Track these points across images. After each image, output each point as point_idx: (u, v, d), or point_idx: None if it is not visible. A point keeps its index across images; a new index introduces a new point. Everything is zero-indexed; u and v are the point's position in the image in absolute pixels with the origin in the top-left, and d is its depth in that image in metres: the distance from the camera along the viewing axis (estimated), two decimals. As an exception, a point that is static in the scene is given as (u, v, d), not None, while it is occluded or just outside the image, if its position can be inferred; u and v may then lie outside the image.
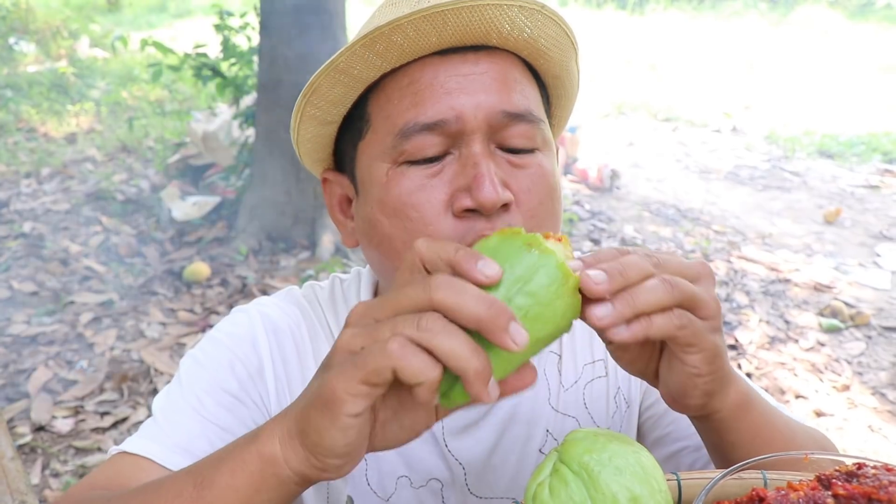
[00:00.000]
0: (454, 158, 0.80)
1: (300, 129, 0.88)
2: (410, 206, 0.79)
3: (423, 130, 0.78)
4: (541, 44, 0.83)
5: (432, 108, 0.78)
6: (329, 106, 0.85)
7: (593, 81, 9.74)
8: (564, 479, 0.61)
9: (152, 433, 0.88)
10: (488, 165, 0.77)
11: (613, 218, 5.38)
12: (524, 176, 0.81)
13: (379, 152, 0.82)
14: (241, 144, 4.93)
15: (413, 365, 0.53)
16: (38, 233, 4.71)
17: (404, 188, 0.79)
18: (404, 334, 0.54)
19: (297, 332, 0.98)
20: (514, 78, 0.82)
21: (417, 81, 0.79)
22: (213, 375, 0.92)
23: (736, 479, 0.64)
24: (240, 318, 0.97)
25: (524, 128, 0.81)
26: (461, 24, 0.77)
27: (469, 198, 0.77)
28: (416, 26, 0.75)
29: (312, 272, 4.22)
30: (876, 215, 5.74)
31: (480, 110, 0.78)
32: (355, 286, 1.02)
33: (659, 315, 0.62)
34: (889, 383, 3.43)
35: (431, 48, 0.79)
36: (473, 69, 0.80)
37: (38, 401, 3.06)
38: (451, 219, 0.78)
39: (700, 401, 0.71)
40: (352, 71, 0.80)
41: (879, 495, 0.52)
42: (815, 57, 11.29)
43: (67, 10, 11.31)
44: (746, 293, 4.28)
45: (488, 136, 0.80)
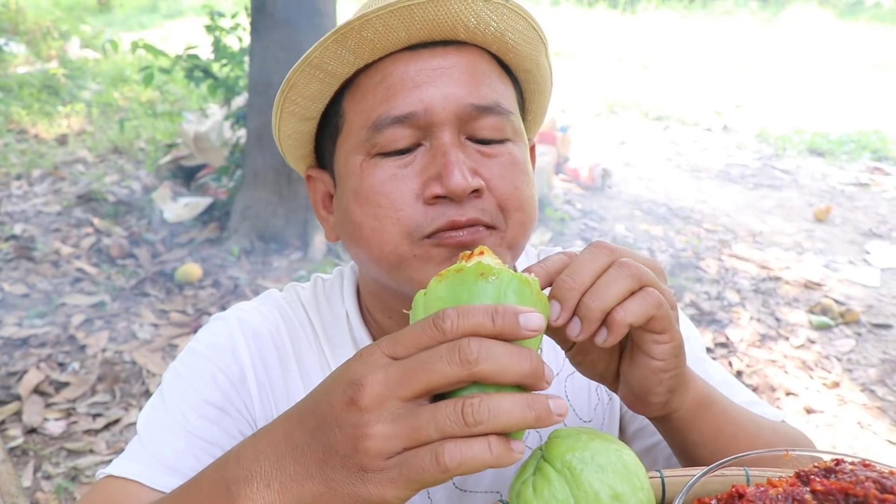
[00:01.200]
0: (425, 150, 0.82)
1: (280, 125, 0.90)
2: (382, 195, 0.81)
3: (394, 123, 0.80)
4: (508, 38, 0.85)
5: (403, 101, 0.80)
6: (307, 102, 0.87)
7: (584, 81, 9.77)
8: (548, 477, 0.62)
9: (138, 454, 0.88)
10: (457, 154, 0.79)
11: (605, 217, 5.39)
12: (495, 164, 0.83)
13: (354, 145, 0.84)
14: (232, 145, 4.92)
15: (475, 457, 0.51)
16: (29, 234, 4.69)
17: (377, 178, 0.82)
18: (454, 435, 0.51)
19: (277, 335, 0.98)
20: (482, 71, 0.84)
21: (389, 76, 0.82)
22: (195, 388, 0.91)
23: (718, 476, 0.65)
24: (218, 328, 0.97)
25: (493, 119, 0.83)
26: (428, 19, 0.79)
27: (439, 185, 0.79)
28: (384, 21, 0.78)
29: (305, 272, 4.22)
30: (866, 213, 5.78)
31: (449, 102, 0.80)
32: (338, 285, 1.03)
33: (630, 300, 0.64)
34: (878, 380, 3.46)
35: (401, 43, 0.82)
36: (442, 63, 0.82)
37: (30, 403, 3.05)
38: (422, 205, 0.80)
39: (662, 398, 0.72)
40: (326, 67, 0.83)
41: (856, 491, 0.53)
42: (806, 56, 11.34)
43: (58, 11, 11.26)
44: (737, 291, 4.31)
45: (458, 128, 0.82)
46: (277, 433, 0.62)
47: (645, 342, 0.68)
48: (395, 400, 0.53)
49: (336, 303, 1.02)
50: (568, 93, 9.07)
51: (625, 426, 1.07)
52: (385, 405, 0.53)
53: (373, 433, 0.52)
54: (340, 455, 0.55)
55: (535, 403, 0.52)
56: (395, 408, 0.53)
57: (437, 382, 0.52)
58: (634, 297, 0.64)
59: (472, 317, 0.53)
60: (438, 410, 0.51)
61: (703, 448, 0.80)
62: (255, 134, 4.54)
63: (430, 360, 0.52)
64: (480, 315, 0.53)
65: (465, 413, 0.51)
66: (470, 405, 0.51)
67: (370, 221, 0.82)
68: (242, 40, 4.88)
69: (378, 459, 0.53)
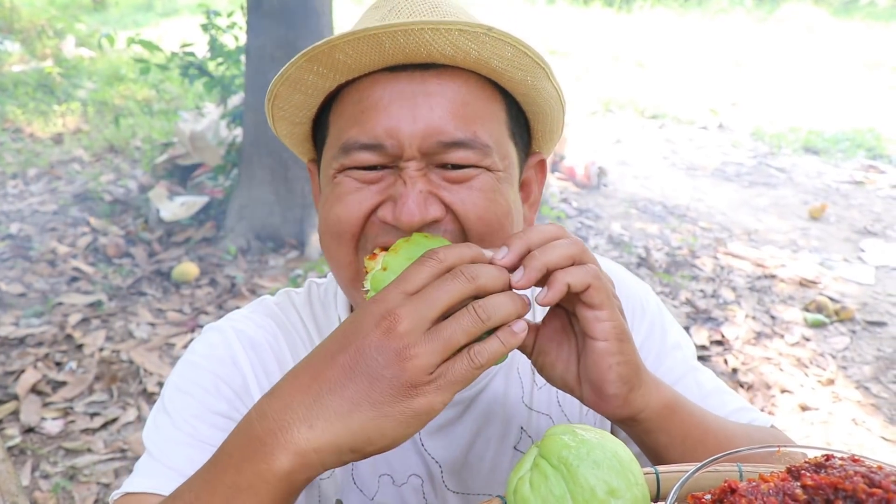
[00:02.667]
0: (391, 173, 0.83)
1: (276, 125, 0.93)
2: (342, 204, 0.83)
3: (361, 149, 0.82)
4: (494, 64, 0.82)
5: (372, 130, 0.81)
6: (294, 109, 0.90)
7: (580, 79, 9.78)
8: (544, 473, 0.63)
9: (151, 469, 0.87)
10: (415, 185, 0.80)
11: (601, 215, 5.41)
12: (461, 189, 0.82)
13: (329, 159, 0.86)
14: (228, 144, 4.92)
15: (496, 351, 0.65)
16: (26, 234, 4.69)
17: (343, 189, 0.84)
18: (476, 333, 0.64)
19: (274, 344, 0.98)
20: (461, 101, 0.82)
21: (365, 100, 0.82)
22: (200, 401, 0.91)
23: (712, 471, 0.66)
24: (215, 339, 0.97)
25: (464, 153, 0.82)
26: (398, 47, 0.78)
27: (391, 213, 0.80)
28: (353, 46, 0.77)
29: (301, 271, 4.23)
30: (860, 211, 5.80)
31: (415, 139, 0.80)
32: (332, 290, 1.04)
33: (573, 267, 0.71)
34: (872, 377, 3.48)
35: (376, 66, 0.81)
36: (418, 91, 0.81)
37: (28, 402, 3.05)
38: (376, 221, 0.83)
39: (618, 389, 0.74)
40: (305, 81, 0.84)
41: (845, 485, 0.54)
42: (801, 54, 11.37)
43: (52, 9, 11.23)
44: (733, 289, 4.33)
45: (425, 160, 0.82)
46: (303, 381, 0.65)
47: (587, 320, 0.73)
48: (427, 322, 0.63)
49: (330, 307, 1.02)
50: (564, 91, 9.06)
51: (615, 432, 1.07)
52: (419, 327, 0.63)
53: (417, 352, 0.62)
54: (388, 378, 0.62)
55: (516, 297, 0.68)
56: (426, 329, 0.63)
57: (455, 299, 0.64)
58: (576, 265, 0.72)
59: (454, 249, 0.68)
60: (459, 318, 0.64)
61: (672, 451, 0.81)
62: (252, 133, 4.54)
63: (444, 283, 0.65)
64: (459, 247, 0.69)
65: (479, 312, 0.64)
66: (480, 306, 0.65)
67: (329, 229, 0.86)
68: (238, 39, 4.88)
69: (424, 374, 0.62)
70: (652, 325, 1.06)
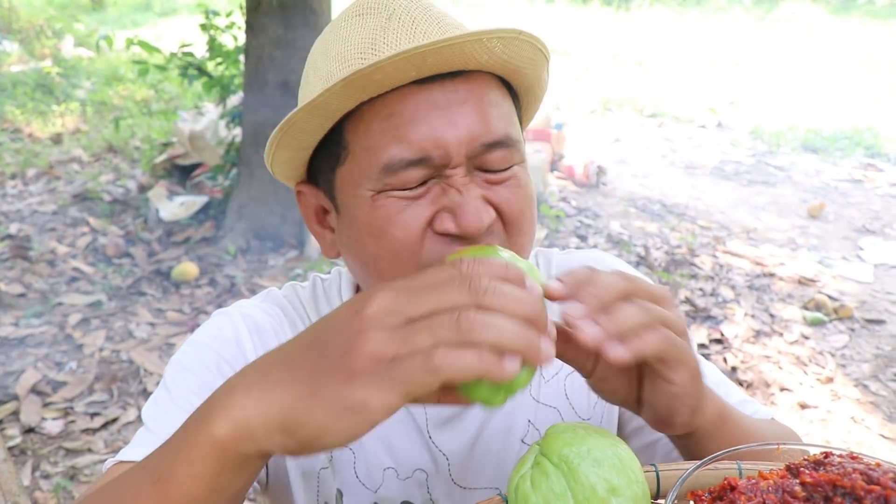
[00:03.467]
0: (436, 183, 0.81)
1: (275, 154, 0.88)
2: (396, 226, 0.80)
3: (408, 166, 0.79)
4: (515, 64, 0.84)
5: (418, 143, 0.79)
6: (306, 136, 0.85)
7: (579, 79, 9.78)
8: (545, 471, 0.64)
9: (147, 440, 0.87)
10: (470, 191, 0.79)
11: (600, 214, 5.41)
12: (503, 189, 0.84)
13: (361, 180, 0.83)
14: (227, 144, 4.93)
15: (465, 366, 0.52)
16: (25, 234, 4.69)
17: (391, 209, 0.81)
18: (447, 341, 0.53)
19: (280, 330, 0.99)
20: (490, 101, 0.83)
21: (399, 115, 0.79)
22: (200, 378, 0.91)
23: (712, 469, 0.67)
24: (222, 321, 0.98)
25: (502, 153, 0.83)
26: (440, 60, 0.78)
27: (452, 223, 0.79)
28: (395, 66, 0.76)
29: (301, 271, 4.23)
30: (859, 209, 5.81)
31: (462, 144, 0.79)
32: (336, 285, 1.04)
33: (648, 332, 0.64)
34: (871, 375, 3.49)
35: (410, 80, 0.80)
36: (452, 99, 0.80)
37: (28, 403, 3.06)
38: (432, 235, 0.81)
39: (687, 419, 0.73)
40: (329, 106, 0.81)
41: (843, 482, 0.55)
42: (799, 52, 11.38)
43: (51, 9, 11.23)
44: (732, 287, 4.33)
45: (469, 164, 0.82)
46: (272, 352, 0.62)
47: (663, 371, 0.69)
48: (400, 314, 0.54)
49: (335, 301, 1.03)
50: (563, 90, 9.08)
51: (623, 423, 1.08)
52: (388, 316, 0.54)
53: (370, 336, 0.54)
54: (332, 358, 0.55)
55: (527, 332, 0.54)
56: (398, 321, 0.54)
57: (445, 305, 0.54)
58: (652, 331, 0.65)
59: (486, 263, 0.57)
60: (434, 318, 0.54)
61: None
62: (251, 132, 4.55)
63: (441, 285, 0.55)
64: (495, 265, 0.57)
65: (460, 319, 0.53)
66: (466, 313, 0.53)
67: (386, 254, 0.82)
68: (238, 39, 4.88)
69: (369, 361, 0.53)
70: None
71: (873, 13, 14.19)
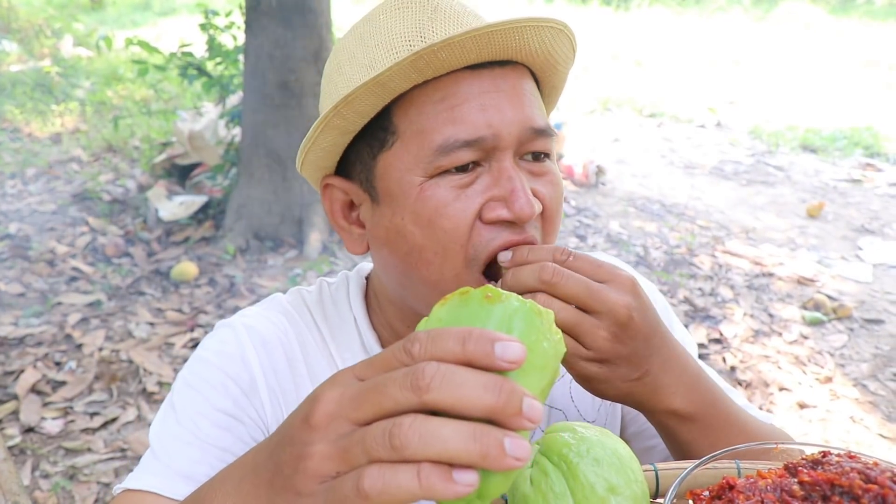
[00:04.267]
0: (485, 170, 0.82)
1: (319, 138, 0.86)
2: (445, 217, 0.81)
3: (462, 147, 0.80)
4: (555, 59, 0.87)
5: (471, 124, 0.80)
6: (356, 117, 0.84)
7: (579, 78, 9.78)
8: (545, 470, 0.64)
9: (152, 466, 0.88)
10: (521, 178, 0.81)
11: (599, 214, 5.42)
12: (544, 183, 0.86)
13: (410, 164, 0.82)
14: (227, 144, 4.93)
15: (400, 489, 0.44)
16: (24, 234, 4.69)
17: (440, 199, 0.81)
18: (380, 459, 0.45)
19: (286, 341, 0.97)
20: (530, 91, 0.86)
21: (453, 96, 0.81)
22: (206, 397, 0.91)
23: (710, 468, 0.67)
24: (226, 335, 0.96)
25: (544, 141, 0.85)
26: (501, 43, 0.80)
27: (505, 209, 0.81)
28: (462, 44, 0.77)
29: (300, 271, 4.24)
30: (858, 209, 5.81)
31: (513, 126, 0.81)
32: (343, 290, 1.03)
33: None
34: (870, 374, 3.49)
35: (467, 63, 0.81)
36: (500, 85, 0.83)
37: (27, 402, 3.06)
38: (480, 225, 0.82)
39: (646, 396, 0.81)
40: (389, 84, 0.80)
41: (841, 481, 0.55)
42: (798, 52, 11.39)
43: (50, 9, 11.23)
44: (731, 287, 4.34)
45: (515, 150, 0.83)
46: (249, 452, 0.61)
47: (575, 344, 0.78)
48: (345, 420, 0.48)
49: (343, 307, 1.01)
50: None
51: (625, 426, 1.09)
52: (333, 424, 0.48)
53: (312, 452, 0.49)
54: (284, 475, 0.51)
55: (483, 437, 0.44)
56: (343, 429, 0.48)
57: (386, 407, 0.46)
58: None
59: (441, 340, 0.47)
60: (368, 430, 0.46)
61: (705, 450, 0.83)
62: (250, 132, 4.55)
63: (385, 382, 0.47)
64: (451, 339, 0.47)
65: (392, 433, 0.44)
66: (399, 425, 0.44)
67: (434, 245, 0.82)
68: (237, 39, 4.88)
69: (313, 482, 0.49)
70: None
71: (872, 13, 14.20)
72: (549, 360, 0.52)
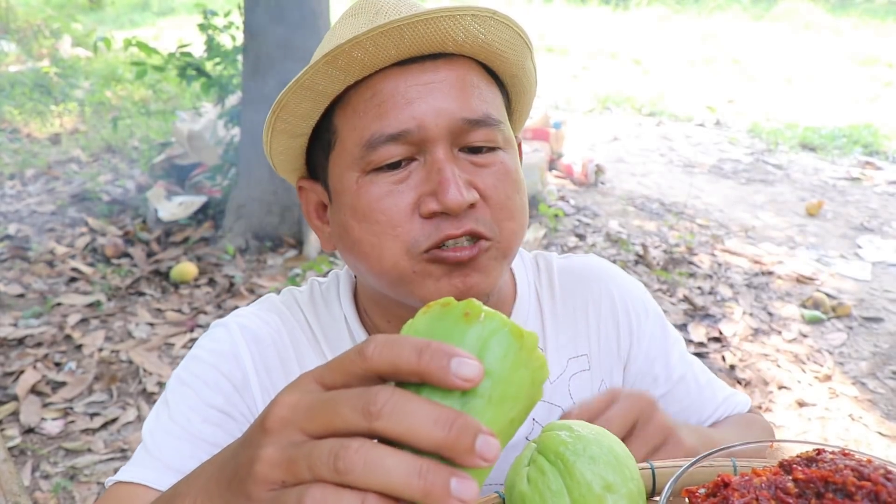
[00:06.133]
0: (419, 165, 0.83)
1: (272, 142, 0.91)
2: (379, 211, 0.83)
3: (388, 141, 0.82)
4: (495, 47, 0.86)
5: (395, 119, 0.81)
6: (297, 120, 0.88)
7: (578, 77, 9.79)
8: (541, 468, 0.64)
9: (144, 460, 0.90)
10: (452, 169, 0.81)
11: (598, 213, 5.42)
12: (488, 174, 0.85)
13: (348, 162, 0.86)
14: (226, 144, 4.93)
15: None
16: (24, 234, 4.69)
17: (373, 194, 0.83)
18: (322, 478, 0.43)
19: (278, 339, 0.99)
20: (471, 83, 0.85)
21: (380, 93, 0.83)
22: (198, 393, 0.93)
23: (707, 466, 0.67)
24: (219, 334, 0.98)
25: (484, 131, 0.85)
26: (417, 36, 0.80)
27: (435, 201, 0.81)
28: (374, 41, 0.79)
29: (300, 270, 4.24)
30: (857, 207, 5.82)
31: (441, 118, 0.82)
32: (334, 289, 1.05)
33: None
34: (869, 373, 3.50)
35: (391, 60, 0.82)
36: (433, 77, 0.83)
37: (27, 403, 3.06)
38: (419, 220, 0.83)
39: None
40: (317, 86, 0.83)
41: (835, 478, 0.55)
42: (797, 50, 11.39)
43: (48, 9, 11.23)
44: (730, 286, 4.34)
45: (450, 142, 0.83)
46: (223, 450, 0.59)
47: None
48: (296, 429, 0.46)
49: (333, 305, 1.03)
50: (561, 89, 9.09)
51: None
52: (285, 431, 0.46)
53: (262, 455, 0.46)
54: (239, 478, 0.49)
55: (429, 473, 0.41)
56: (293, 437, 0.46)
57: (337, 426, 0.44)
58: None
59: (397, 347, 0.45)
60: (316, 446, 0.44)
61: None
62: (249, 132, 4.55)
63: (339, 399, 0.45)
64: (408, 347, 0.44)
65: (337, 455, 0.42)
66: (346, 448, 0.42)
67: (369, 238, 0.84)
68: (236, 39, 4.89)
69: (262, 488, 0.46)
70: (655, 325, 1.11)
71: (871, 11, 14.20)
72: (524, 389, 0.47)
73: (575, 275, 1.10)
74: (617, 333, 1.08)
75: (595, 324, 1.07)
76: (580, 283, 1.09)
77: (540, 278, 1.10)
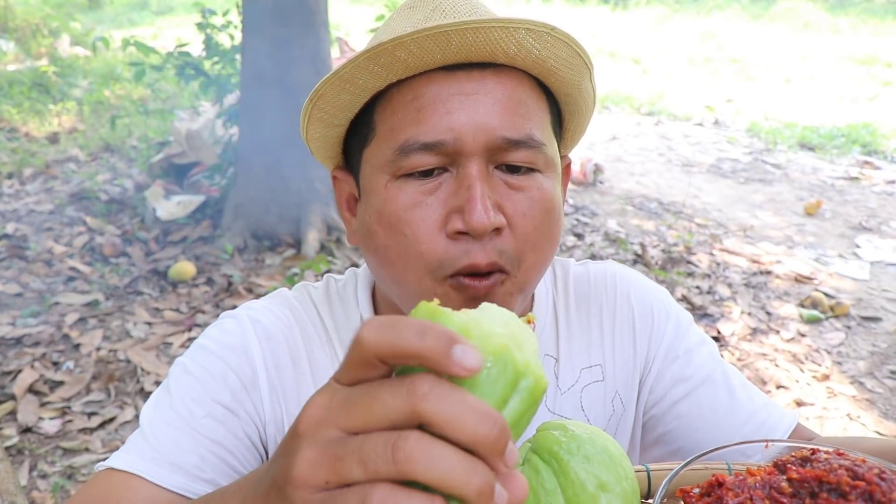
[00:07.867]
0: (451, 176, 0.80)
1: (308, 128, 0.88)
2: (405, 223, 0.79)
3: (421, 149, 0.78)
4: (550, 64, 0.82)
5: (433, 127, 0.78)
6: (335, 111, 0.85)
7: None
8: (536, 467, 0.64)
9: (140, 448, 0.85)
10: (482, 188, 0.77)
11: (597, 212, 5.42)
12: (521, 199, 0.81)
13: (380, 163, 0.82)
14: (225, 143, 4.93)
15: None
16: (22, 234, 4.69)
17: (401, 203, 0.80)
18: (381, 476, 0.41)
19: (290, 337, 0.95)
20: (518, 99, 0.81)
21: (421, 97, 0.79)
22: (204, 385, 0.89)
23: (701, 467, 0.67)
24: (230, 326, 0.94)
25: (525, 153, 0.80)
26: (465, 44, 0.76)
27: (461, 221, 0.77)
28: (419, 44, 0.75)
29: (298, 270, 4.24)
30: (855, 207, 5.82)
31: (480, 133, 0.78)
32: (352, 287, 1.01)
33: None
34: (867, 372, 3.50)
35: (436, 64, 0.79)
36: (478, 88, 0.79)
37: (25, 402, 3.06)
38: (444, 239, 0.79)
39: None
40: (357, 81, 0.80)
41: (829, 478, 0.55)
42: (796, 50, 11.39)
43: (47, 8, 11.21)
44: (728, 285, 4.34)
45: (486, 158, 0.79)
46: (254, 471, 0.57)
47: None
48: (333, 427, 0.44)
49: (350, 304, 1.00)
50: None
51: (646, 432, 1.06)
52: (321, 429, 0.44)
53: (300, 458, 0.44)
54: (277, 488, 0.47)
55: (484, 473, 0.40)
56: (331, 434, 0.44)
57: (378, 412, 0.42)
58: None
59: (398, 327, 0.43)
60: (367, 439, 0.41)
61: None
62: (248, 131, 4.55)
63: (376, 387, 0.43)
64: (410, 328, 0.42)
65: (396, 446, 0.40)
66: (406, 438, 0.40)
67: (395, 248, 0.81)
68: (234, 38, 4.88)
69: (304, 492, 0.43)
70: (678, 325, 1.07)
71: (870, 11, 14.21)
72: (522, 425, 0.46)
73: (590, 283, 1.07)
74: (633, 341, 1.04)
75: (610, 333, 1.04)
76: (595, 291, 1.06)
77: (556, 285, 1.07)
